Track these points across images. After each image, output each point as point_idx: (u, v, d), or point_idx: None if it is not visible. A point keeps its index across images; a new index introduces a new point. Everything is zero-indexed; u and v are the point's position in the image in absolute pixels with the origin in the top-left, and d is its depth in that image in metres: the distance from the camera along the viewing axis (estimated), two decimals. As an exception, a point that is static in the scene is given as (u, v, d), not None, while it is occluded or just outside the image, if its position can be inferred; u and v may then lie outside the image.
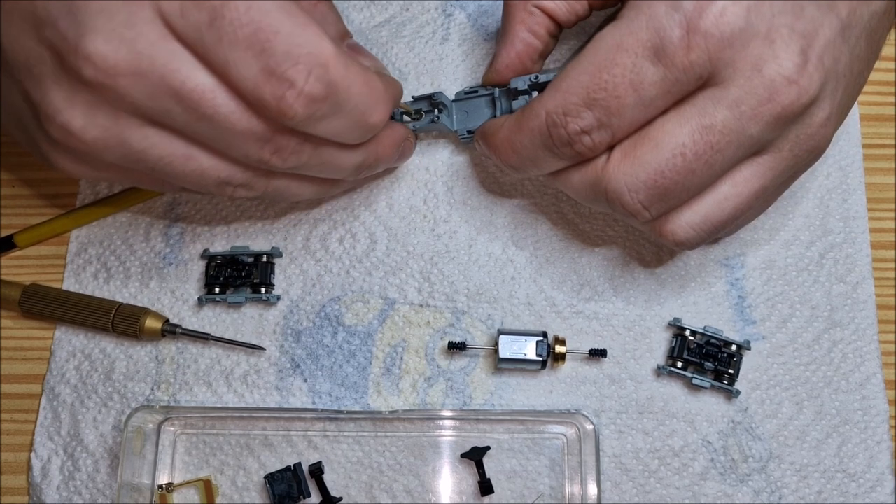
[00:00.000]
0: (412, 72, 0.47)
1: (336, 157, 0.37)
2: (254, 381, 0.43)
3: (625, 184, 0.35)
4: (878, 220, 0.45)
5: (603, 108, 0.34)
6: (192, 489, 0.42)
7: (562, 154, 0.36)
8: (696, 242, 0.37)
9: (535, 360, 0.41)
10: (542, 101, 0.36)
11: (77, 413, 0.43)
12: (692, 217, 0.36)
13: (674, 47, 0.33)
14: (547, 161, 0.37)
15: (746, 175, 0.35)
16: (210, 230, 0.45)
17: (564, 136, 0.35)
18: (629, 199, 0.35)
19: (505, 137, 0.39)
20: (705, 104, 0.34)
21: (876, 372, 0.42)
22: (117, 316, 0.43)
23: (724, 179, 0.36)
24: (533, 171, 0.39)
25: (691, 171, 0.34)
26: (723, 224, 0.36)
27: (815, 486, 0.41)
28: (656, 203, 0.35)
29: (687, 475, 0.41)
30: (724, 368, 0.42)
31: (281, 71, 0.31)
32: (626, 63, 0.33)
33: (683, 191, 0.35)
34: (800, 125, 0.34)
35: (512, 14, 0.41)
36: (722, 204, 0.36)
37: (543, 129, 0.36)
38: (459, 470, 0.41)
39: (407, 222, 0.45)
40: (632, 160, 0.35)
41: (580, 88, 0.34)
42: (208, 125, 0.32)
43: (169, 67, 0.31)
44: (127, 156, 0.33)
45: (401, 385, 0.43)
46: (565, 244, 0.44)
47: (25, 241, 0.45)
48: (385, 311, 0.44)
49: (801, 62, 0.33)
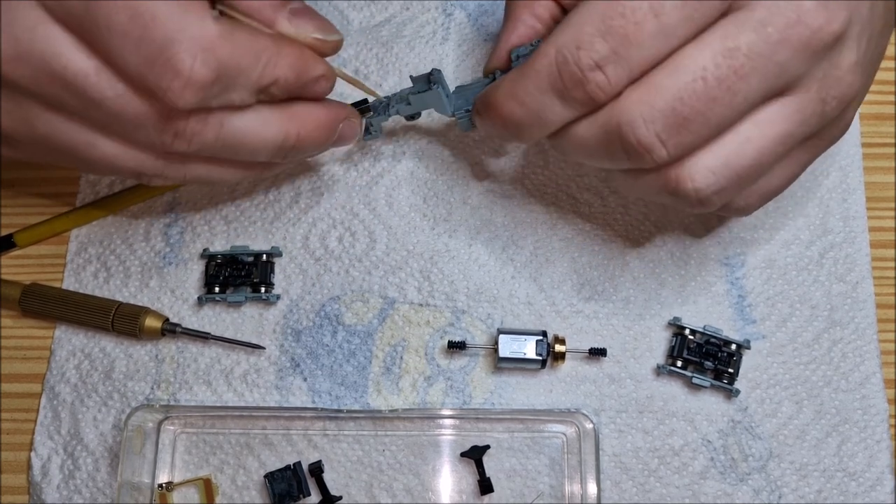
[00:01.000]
0: (412, 71, 0.47)
1: (246, 138, 0.34)
2: (254, 381, 0.43)
3: (640, 113, 0.32)
4: (877, 219, 0.45)
5: (620, 37, 0.31)
6: (192, 488, 0.42)
7: (572, 99, 0.32)
8: (715, 191, 0.33)
9: (535, 359, 0.41)
10: (551, 38, 0.33)
11: (77, 412, 0.43)
12: (711, 160, 0.33)
13: None
14: (555, 111, 0.33)
15: (771, 115, 0.33)
16: (210, 229, 0.45)
17: (577, 73, 0.32)
18: (644, 132, 0.32)
19: (507, 89, 0.35)
20: (728, 27, 0.31)
21: (875, 371, 0.42)
22: (117, 315, 0.43)
23: (746, 119, 0.33)
24: (538, 130, 0.35)
25: (713, 99, 0.31)
26: (744, 171, 0.33)
27: (815, 485, 0.41)
28: (674, 136, 0.32)
29: (687, 474, 0.41)
30: (724, 367, 0.42)
31: (164, 59, 0.30)
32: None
33: (704, 123, 0.32)
34: (828, 62, 0.32)
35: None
36: (744, 146, 0.33)
37: (553, 69, 0.32)
38: (459, 469, 0.41)
39: (407, 221, 0.45)
40: (646, 87, 0.32)
41: (595, 17, 0.31)
42: (99, 111, 0.31)
43: (49, 52, 0.30)
44: (37, 140, 0.33)
45: (401, 384, 0.43)
46: (565, 243, 0.44)
47: (25, 240, 0.45)
48: (385, 310, 0.44)
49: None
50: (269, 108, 0.35)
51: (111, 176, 0.36)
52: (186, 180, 0.36)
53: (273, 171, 0.41)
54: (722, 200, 0.34)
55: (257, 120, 0.35)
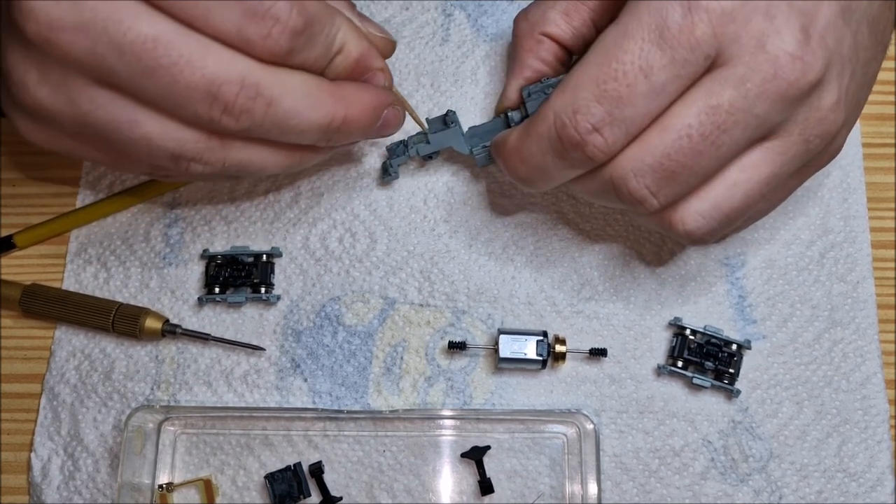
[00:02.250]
0: (412, 72, 0.47)
1: (294, 116, 0.35)
2: (254, 381, 0.43)
3: (630, 168, 0.34)
4: (878, 219, 0.45)
5: (614, 100, 0.33)
6: (192, 489, 0.41)
7: (572, 160, 0.35)
8: (707, 232, 0.36)
9: (536, 359, 0.41)
10: (549, 102, 0.35)
11: (77, 413, 0.43)
12: (701, 205, 0.35)
13: (678, 26, 0.32)
14: (558, 170, 0.36)
15: (755, 160, 0.35)
16: (210, 230, 0.45)
17: (575, 136, 0.34)
18: (635, 185, 0.34)
19: (513, 147, 0.37)
20: (711, 85, 0.33)
21: (876, 371, 0.42)
22: (117, 316, 0.43)
23: (733, 165, 0.35)
24: (543, 184, 0.38)
25: (698, 153, 0.33)
26: (733, 212, 0.35)
27: (816, 485, 0.41)
28: (664, 188, 0.34)
29: (687, 475, 0.41)
30: (725, 368, 0.42)
31: (264, 10, 0.31)
32: (634, 49, 0.33)
33: (691, 175, 0.34)
34: (808, 107, 0.34)
35: (520, 43, 0.41)
36: (731, 190, 0.35)
37: (552, 133, 0.35)
38: (460, 469, 0.41)
39: (407, 222, 0.45)
40: (637, 144, 0.34)
41: (589, 81, 0.33)
42: (151, 80, 0.32)
43: (112, 18, 0.30)
44: (76, 119, 0.33)
45: (401, 384, 0.43)
46: (565, 244, 0.44)
47: (25, 240, 0.45)
48: (385, 310, 0.44)
49: (802, 38, 0.32)
50: (318, 86, 0.35)
51: (144, 164, 0.36)
52: (226, 166, 0.36)
53: (316, 159, 0.40)
54: (715, 238, 0.37)
55: (307, 98, 0.35)
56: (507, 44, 0.47)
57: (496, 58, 0.47)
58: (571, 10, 0.40)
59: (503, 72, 0.47)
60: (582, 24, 0.40)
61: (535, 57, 0.41)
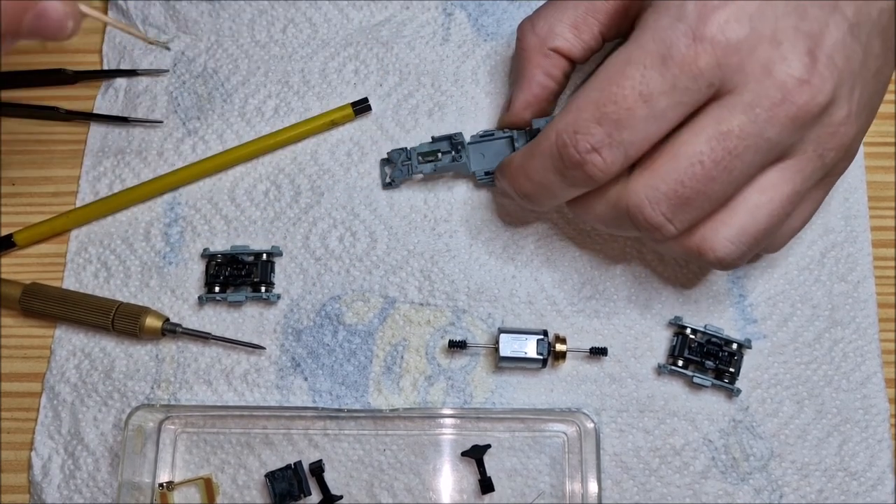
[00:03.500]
0: (412, 72, 0.47)
1: None
2: (254, 380, 0.43)
3: (645, 196, 0.35)
4: (879, 218, 0.45)
5: (613, 122, 0.34)
6: (192, 487, 0.41)
7: (573, 178, 0.36)
8: (738, 257, 0.36)
9: (536, 358, 0.41)
10: (553, 122, 0.36)
11: (77, 412, 0.43)
12: (728, 231, 0.35)
13: (681, 55, 0.33)
14: (560, 188, 0.37)
15: (773, 180, 0.35)
16: (210, 229, 0.45)
17: (575, 156, 0.35)
18: (651, 212, 0.35)
19: (518, 165, 0.38)
20: (720, 112, 0.33)
21: (877, 371, 0.42)
22: (117, 315, 0.42)
23: (751, 188, 0.35)
24: (547, 201, 0.39)
25: (711, 179, 0.34)
26: (760, 234, 0.35)
27: (816, 484, 0.41)
28: (679, 214, 0.35)
29: (688, 474, 0.41)
30: (725, 367, 0.42)
31: None
32: (635, 75, 0.33)
33: (706, 200, 0.34)
34: (819, 126, 0.34)
35: (528, 58, 0.41)
36: (754, 213, 0.35)
37: (553, 150, 0.35)
38: (460, 468, 0.41)
39: (407, 221, 0.45)
40: (650, 173, 0.35)
41: (590, 104, 0.34)
42: None
43: None
44: None
45: (401, 383, 0.43)
46: (566, 242, 0.44)
47: (25, 239, 0.45)
48: (385, 309, 0.44)
49: (809, 62, 0.33)
50: None
51: None
52: None
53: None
54: (748, 259, 0.37)
55: None
56: (508, 43, 0.47)
57: (497, 57, 0.47)
58: (581, 23, 0.40)
59: (504, 72, 0.47)
60: (591, 38, 0.40)
61: (542, 72, 0.41)
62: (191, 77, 0.48)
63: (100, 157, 0.47)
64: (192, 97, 0.47)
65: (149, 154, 0.47)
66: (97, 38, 0.49)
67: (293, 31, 0.49)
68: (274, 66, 0.48)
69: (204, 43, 0.49)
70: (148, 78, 0.48)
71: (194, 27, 0.49)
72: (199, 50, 0.48)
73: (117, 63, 0.49)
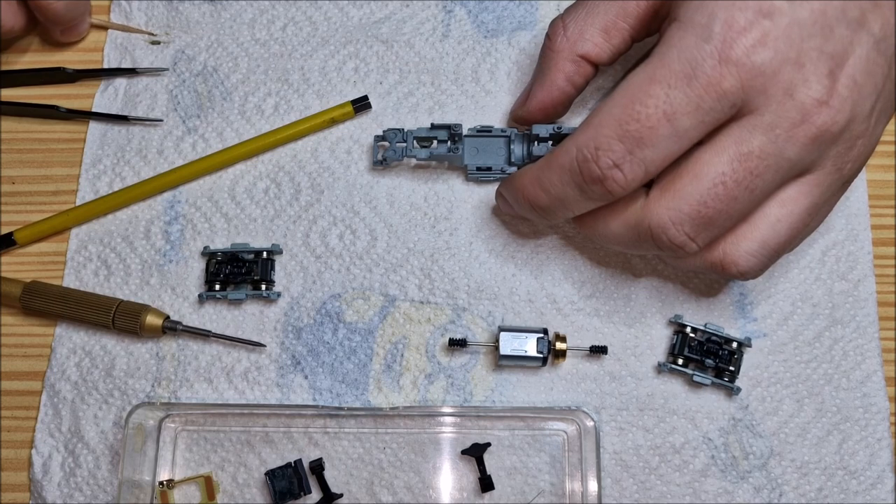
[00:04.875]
0: (412, 69, 0.47)
1: None
2: (254, 378, 0.43)
3: (668, 218, 0.35)
4: (879, 217, 0.45)
5: (635, 140, 0.34)
6: (192, 486, 0.42)
7: (592, 192, 0.36)
8: (760, 269, 0.37)
9: (536, 356, 0.41)
10: (573, 137, 0.36)
11: (78, 410, 0.43)
12: (750, 245, 0.36)
13: (706, 76, 0.33)
14: (577, 201, 0.37)
15: (793, 194, 0.35)
16: (210, 227, 0.45)
17: (595, 171, 0.35)
18: (675, 233, 0.35)
19: (533, 177, 0.38)
20: (741, 132, 0.34)
21: (876, 369, 0.42)
22: (118, 313, 0.43)
23: (771, 202, 0.36)
24: (561, 214, 0.39)
25: (734, 199, 0.34)
26: (780, 246, 0.36)
27: (816, 483, 0.41)
28: (702, 233, 0.35)
29: (687, 472, 0.41)
30: (725, 366, 0.42)
31: None
32: (659, 94, 0.33)
33: (728, 218, 0.35)
34: (839, 143, 0.34)
35: (554, 60, 0.41)
36: (776, 227, 0.36)
37: (573, 165, 0.35)
38: (460, 466, 0.41)
39: (408, 219, 0.45)
40: (672, 194, 0.35)
41: (612, 121, 0.34)
42: None
43: None
44: None
45: (401, 382, 0.43)
46: (566, 241, 0.44)
47: (26, 238, 0.45)
48: (386, 307, 0.44)
49: (829, 83, 0.33)
50: None
51: None
52: None
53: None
54: (768, 268, 0.38)
55: None
56: (508, 40, 0.47)
57: (497, 55, 0.47)
58: (611, 28, 0.40)
59: (504, 70, 0.47)
60: (621, 42, 0.40)
61: (565, 77, 0.41)
62: (191, 75, 0.48)
63: (100, 155, 0.47)
64: (192, 95, 0.47)
65: (149, 152, 0.47)
66: (97, 37, 0.49)
67: (293, 30, 0.49)
68: (274, 64, 0.48)
69: (204, 41, 0.49)
70: (148, 76, 0.48)
71: (195, 26, 0.49)
72: (199, 48, 0.48)
73: (118, 62, 0.49)
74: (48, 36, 0.49)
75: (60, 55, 0.49)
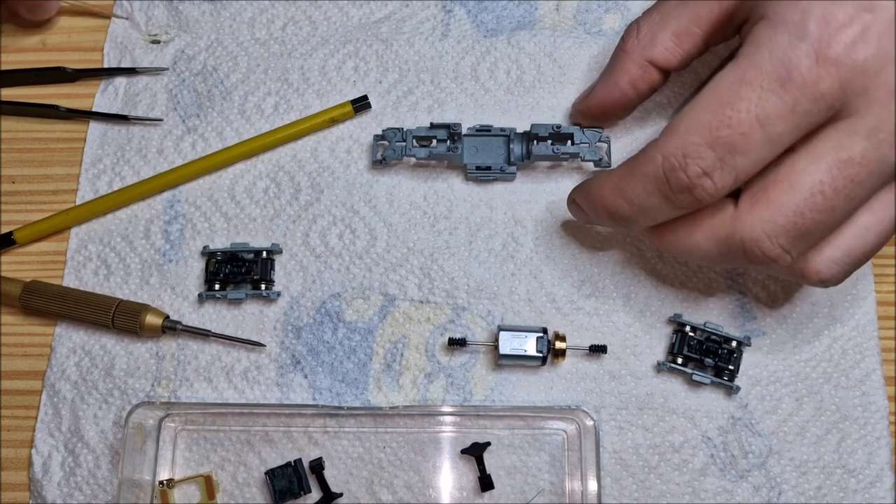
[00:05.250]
0: (412, 69, 0.47)
1: None
2: (254, 378, 0.43)
3: (762, 230, 0.33)
4: (878, 216, 0.45)
5: (727, 147, 0.32)
6: (192, 485, 0.42)
7: (679, 201, 0.34)
8: (842, 278, 0.35)
9: (536, 356, 0.41)
10: (657, 144, 0.34)
11: (78, 409, 0.43)
12: (834, 253, 0.34)
13: (802, 78, 0.31)
14: (661, 210, 0.35)
15: (884, 201, 0.34)
16: (210, 227, 0.45)
17: (684, 180, 0.33)
18: (770, 246, 0.33)
19: (614, 186, 0.36)
20: (839, 137, 0.32)
21: (875, 368, 0.42)
22: (118, 312, 0.43)
23: (863, 209, 0.34)
24: (643, 223, 0.37)
25: (832, 209, 0.32)
26: (866, 255, 0.35)
27: (815, 481, 0.41)
28: (798, 245, 0.33)
29: (687, 471, 0.41)
30: (725, 364, 0.42)
31: None
32: (752, 97, 0.32)
33: (825, 228, 0.33)
34: None
35: (621, 61, 0.40)
36: (863, 235, 0.34)
37: (660, 174, 0.34)
38: (460, 466, 0.41)
39: (407, 218, 0.45)
40: (766, 205, 0.33)
41: (701, 127, 0.32)
42: None
43: None
44: None
45: (401, 381, 0.43)
46: (566, 240, 0.44)
47: (25, 237, 0.45)
48: (385, 307, 0.44)
49: None
50: None
51: None
52: None
53: None
54: (849, 276, 0.36)
55: None
56: (507, 40, 0.47)
57: (496, 53, 0.47)
58: (683, 33, 0.38)
59: (503, 69, 0.47)
60: (693, 47, 0.39)
61: (628, 81, 0.40)
62: (190, 75, 0.48)
63: (100, 154, 0.47)
64: (191, 95, 0.48)
65: (148, 152, 0.47)
66: (97, 36, 0.49)
67: (293, 29, 0.49)
68: (274, 64, 0.48)
69: (204, 41, 0.49)
70: (148, 76, 0.48)
71: (195, 25, 0.49)
72: (199, 48, 0.48)
73: (117, 61, 0.49)
74: (16, 17, 0.48)
75: (60, 55, 0.49)
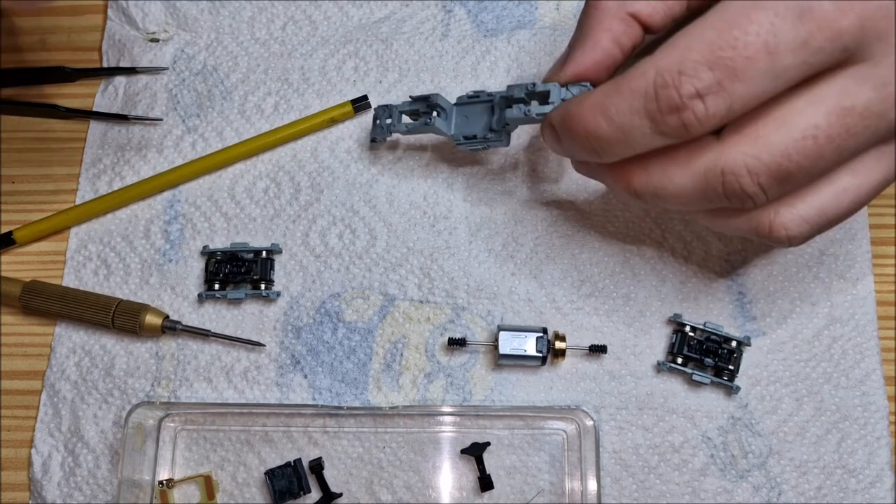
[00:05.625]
0: (412, 68, 0.47)
1: None
2: (254, 377, 0.43)
3: (744, 164, 0.31)
4: (878, 216, 0.45)
5: (727, 70, 0.29)
6: (192, 485, 0.42)
7: (664, 124, 0.31)
8: (807, 238, 0.33)
9: (536, 356, 0.41)
10: (651, 58, 0.31)
11: (77, 409, 0.43)
12: (807, 210, 0.32)
13: (823, 11, 0.28)
14: (641, 136, 0.32)
15: (869, 164, 0.32)
16: (210, 226, 0.45)
17: (675, 98, 0.30)
18: (748, 182, 0.31)
19: (596, 102, 0.32)
20: (846, 82, 0.30)
21: (875, 368, 0.42)
22: (118, 312, 0.43)
23: (845, 169, 0.32)
24: (619, 150, 0.33)
25: (820, 156, 0.30)
26: (837, 218, 0.33)
27: (815, 481, 0.41)
28: (775, 188, 0.31)
29: (687, 471, 0.41)
30: (725, 364, 0.42)
31: None
32: (764, 21, 0.29)
33: (806, 177, 0.31)
34: None
35: (598, 18, 0.37)
36: (840, 196, 0.32)
37: (650, 90, 0.30)
38: (459, 466, 0.41)
39: (407, 218, 0.45)
40: (753, 139, 0.31)
41: (703, 45, 0.29)
42: None
43: None
44: None
45: (401, 381, 0.43)
46: (565, 240, 0.44)
47: (25, 237, 0.45)
48: (385, 307, 0.44)
49: None
50: None
51: None
52: None
53: None
54: (814, 237, 0.34)
55: None
56: (508, 39, 0.47)
57: (496, 53, 0.47)
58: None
59: (503, 69, 0.47)
60: (676, 4, 0.36)
61: (611, 38, 0.36)
62: (190, 74, 0.48)
63: (99, 154, 0.47)
64: (191, 95, 0.48)
65: (148, 151, 0.47)
66: (97, 36, 0.49)
67: (293, 29, 0.49)
68: (274, 64, 0.48)
69: (204, 40, 0.49)
70: (147, 75, 0.48)
71: (194, 24, 0.49)
72: (199, 47, 0.48)
73: (117, 61, 0.49)
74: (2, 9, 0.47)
75: (60, 55, 0.49)
